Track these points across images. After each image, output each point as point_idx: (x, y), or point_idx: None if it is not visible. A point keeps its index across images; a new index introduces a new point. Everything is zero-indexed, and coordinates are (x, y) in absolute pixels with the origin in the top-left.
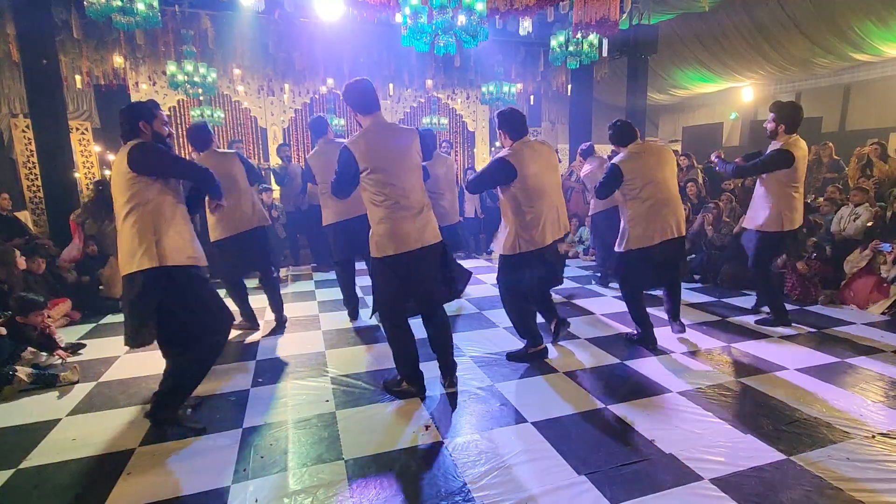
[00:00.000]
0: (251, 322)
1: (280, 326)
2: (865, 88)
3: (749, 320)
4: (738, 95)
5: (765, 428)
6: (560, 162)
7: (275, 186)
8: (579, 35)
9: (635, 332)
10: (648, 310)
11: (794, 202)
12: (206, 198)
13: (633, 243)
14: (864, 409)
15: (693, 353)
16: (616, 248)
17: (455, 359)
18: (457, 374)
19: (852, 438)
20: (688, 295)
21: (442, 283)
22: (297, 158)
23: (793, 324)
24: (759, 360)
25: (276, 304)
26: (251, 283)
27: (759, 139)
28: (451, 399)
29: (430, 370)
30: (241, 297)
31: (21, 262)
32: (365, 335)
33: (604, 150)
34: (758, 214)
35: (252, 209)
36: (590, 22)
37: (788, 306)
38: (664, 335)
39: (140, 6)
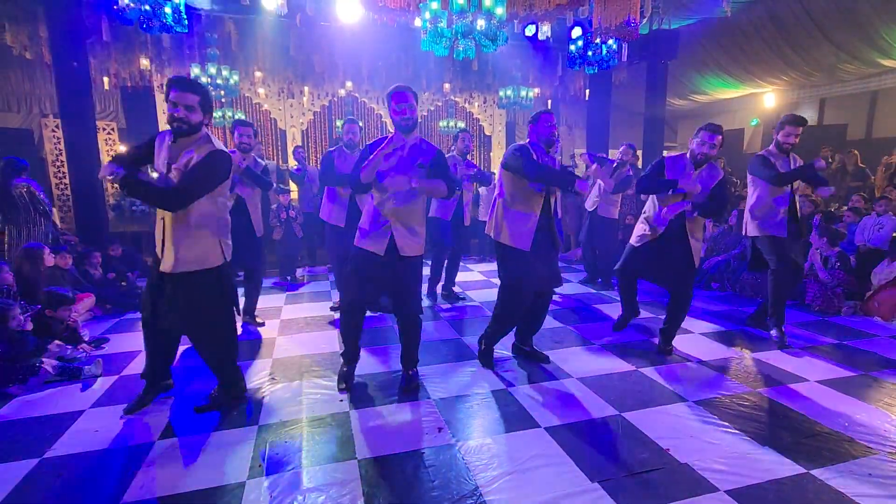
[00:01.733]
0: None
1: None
2: (893, 95)
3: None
4: (759, 102)
5: (784, 440)
6: (576, 167)
7: (293, 187)
8: (598, 39)
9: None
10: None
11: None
12: None
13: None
14: (888, 424)
15: (710, 363)
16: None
17: (419, 358)
18: (417, 369)
19: (875, 454)
20: (707, 302)
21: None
22: (315, 161)
23: (814, 334)
24: (779, 370)
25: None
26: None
27: None
28: (464, 402)
29: (434, 372)
30: None
31: (49, 259)
32: (380, 336)
33: (614, 155)
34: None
35: None
36: (609, 26)
37: (811, 317)
38: (681, 342)
39: (168, 11)
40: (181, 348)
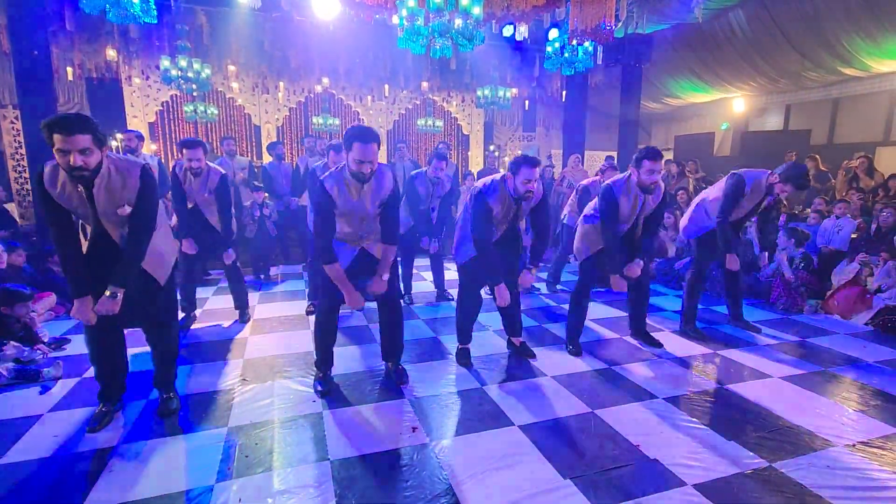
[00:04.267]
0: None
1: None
2: (853, 103)
3: (730, 329)
4: (729, 106)
5: (748, 435)
6: (553, 167)
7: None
8: (574, 42)
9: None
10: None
11: None
12: None
13: None
14: (846, 417)
15: (679, 360)
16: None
17: (404, 355)
18: (402, 365)
19: (833, 447)
20: (677, 301)
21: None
22: (290, 158)
23: (778, 332)
24: (744, 367)
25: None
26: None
27: (748, 149)
28: (439, 401)
29: (410, 371)
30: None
31: (2, 258)
32: (353, 335)
33: (597, 156)
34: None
35: None
36: (585, 29)
37: (775, 315)
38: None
39: (135, 0)
40: (136, 352)
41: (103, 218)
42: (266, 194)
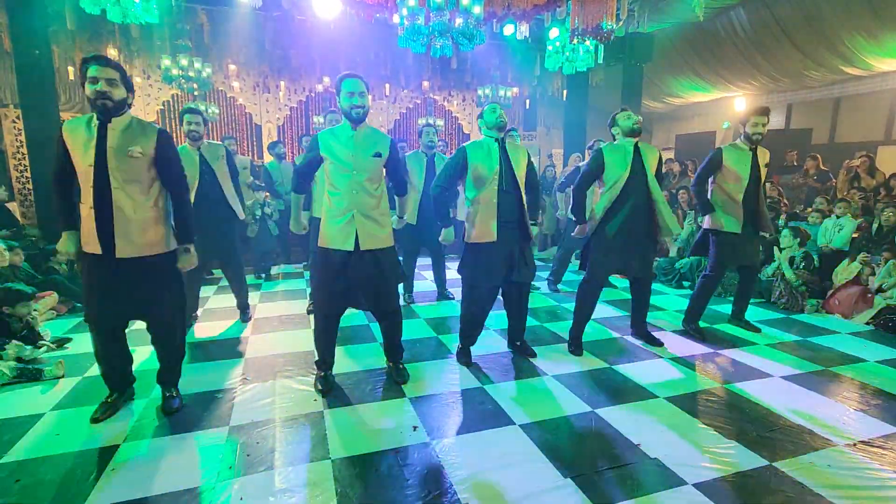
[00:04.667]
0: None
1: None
2: (855, 102)
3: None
4: (730, 105)
5: (749, 434)
6: (553, 166)
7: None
8: (575, 41)
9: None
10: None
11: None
12: None
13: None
14: (846, 416)
15: (680, 359)
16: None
17: (405, 351)
18: (403, 363)
19: (834, 446)
20: (678, 300)
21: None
22: (290, 157)
23: (778, 331)
24: (745, 367)
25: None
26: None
27: None
28: (439, 400)
29: (410, 371)
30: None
31: (4, 257)
32: (354, 334)
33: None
34: None
35: None
36: (586, 28)
37: (776, 314)
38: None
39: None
40: (144, 351)
41: (109, 163)
42: (268, 194)
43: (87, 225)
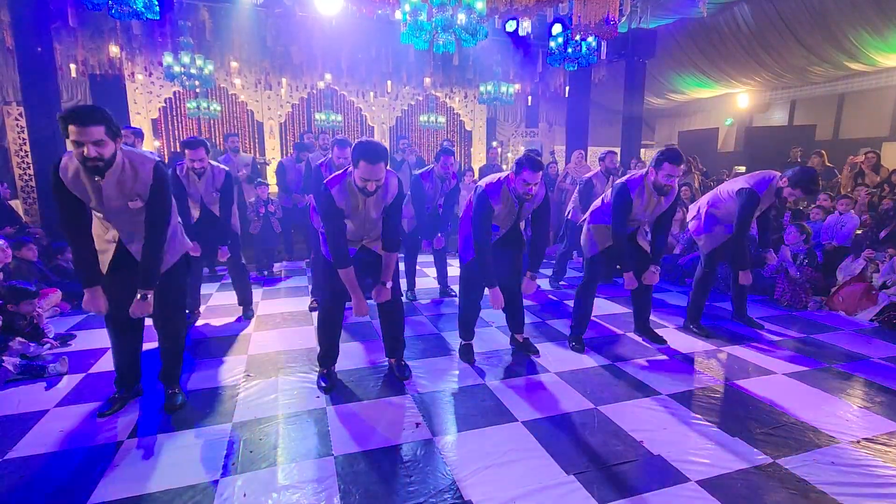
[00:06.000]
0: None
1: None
2: (859, 98)
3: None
4: (733, 101)
5: (752, 431)
6: (556, 164)
7: (270, 181)
8: (578, 37)
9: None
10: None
11: None
12: None
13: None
14: (850, 414)
15: (683, 357)
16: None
17: (406, 351)
18: (405, 360)
19: (837, 443)
20: (681, 298)
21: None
22: (287, 151)
23: (782, 328)
24: (748, 364)
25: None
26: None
27: (753, 145)
28: (442, 397)
29: (413, 367)
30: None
31: (6, 253)
32: (357, 331)
33: (600, 152)
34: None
35: None
36: (589, 24)
37: (779, 311)
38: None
39: None
40: (146, 349)
41: (111, 212)
42: (272, 191)
43: (104, 258)
